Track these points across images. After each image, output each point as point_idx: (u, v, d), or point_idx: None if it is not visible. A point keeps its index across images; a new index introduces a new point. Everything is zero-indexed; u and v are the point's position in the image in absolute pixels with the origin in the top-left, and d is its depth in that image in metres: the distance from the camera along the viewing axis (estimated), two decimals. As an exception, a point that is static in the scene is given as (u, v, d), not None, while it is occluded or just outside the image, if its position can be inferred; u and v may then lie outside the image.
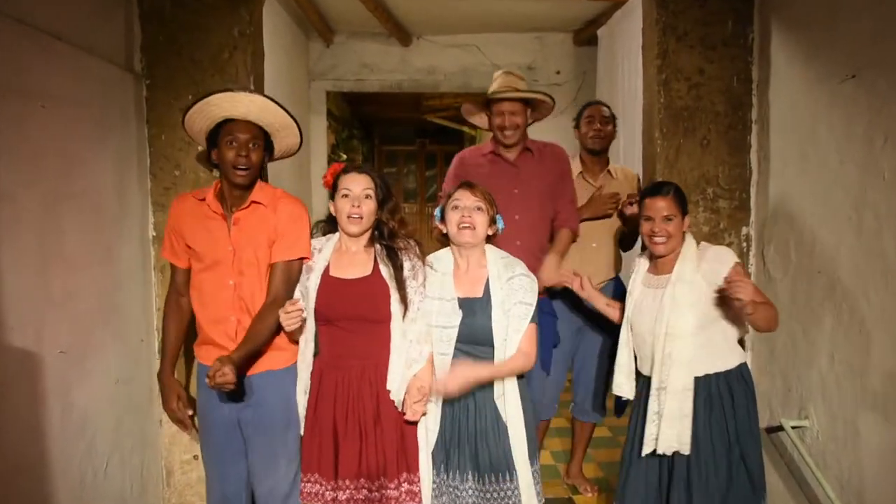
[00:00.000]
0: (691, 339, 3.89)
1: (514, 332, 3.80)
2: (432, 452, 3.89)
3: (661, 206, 4.02)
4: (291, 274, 3.90)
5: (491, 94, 5.00)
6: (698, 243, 4.09)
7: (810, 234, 4.32)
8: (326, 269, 3.81)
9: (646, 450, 3.97)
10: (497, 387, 3.84)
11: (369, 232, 3.87)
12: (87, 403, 4.07)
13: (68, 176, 3.93)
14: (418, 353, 3.79)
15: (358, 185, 3.79)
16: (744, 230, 4.99)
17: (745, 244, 4.99)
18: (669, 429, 3.90)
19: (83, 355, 4.04)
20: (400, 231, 3.88)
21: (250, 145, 3.85)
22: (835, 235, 4.09)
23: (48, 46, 3.77)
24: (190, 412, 4.13)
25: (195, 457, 4.92)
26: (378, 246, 3.87)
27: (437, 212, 4.08)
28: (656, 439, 3.93)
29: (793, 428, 4.42)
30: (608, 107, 5.46)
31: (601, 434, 6.68)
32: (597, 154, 5.37)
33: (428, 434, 3.89)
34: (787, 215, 4.57)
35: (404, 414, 3.78)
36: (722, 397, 3.93)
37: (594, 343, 5.32)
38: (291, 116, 3.99)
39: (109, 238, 4.36)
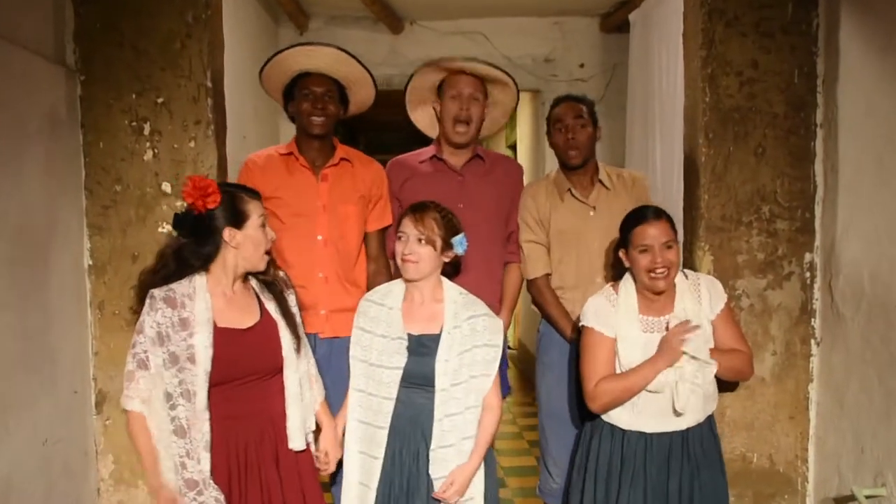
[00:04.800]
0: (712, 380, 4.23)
1: (483, 376, 4.05)
2: None
3: (656, 232, 4.15)
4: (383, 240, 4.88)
5: (444, 60, 5.00)
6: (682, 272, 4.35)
7: (889, 261, 4.31)
8: (214, 323, 3.69)
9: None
10: (435, 465, 4.00)
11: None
12: (9, 468, 4.05)
13: (-16, 193, 3.92)
14: (311, 400, 3.98)
15: (263, 210, 3.86)
16: (807, 257, 5.00)
17: (808, 274, 5.00)
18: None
19: (3, 410, 4.02)
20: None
21: (325, 97, 4.73)
22: (918, 263, 4.09)
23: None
24: None
25: (139, 533, 4.92)
26: (254, 281, 3.91)
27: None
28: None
29: (867, 497, 4.40)
30: (585, 101, 5.12)
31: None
32: (578, 168, 5.04)
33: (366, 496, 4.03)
34: (861, 239, 4.56)
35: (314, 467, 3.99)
36: (713, 443, 4.32)
37: (565, 396, 5.05)
38: (367, 70, 4.90)
39: (35, 269, 4.35)
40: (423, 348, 3.97)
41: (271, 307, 3.86)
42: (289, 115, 4.91)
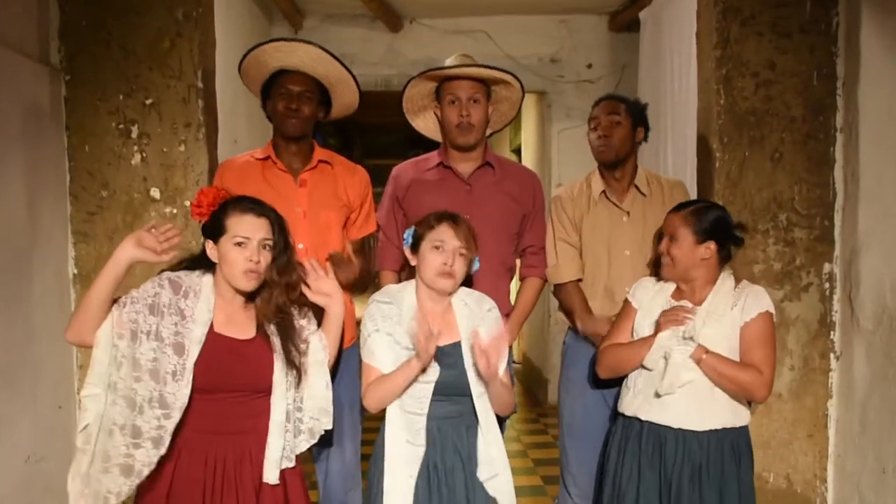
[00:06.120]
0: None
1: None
2: None
3: (667, 223, 4.23)
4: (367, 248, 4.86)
5: (439, 69, 4.82)
6: (738, 281, 4.23)
7: (912, 272, 4.32)
8: (212, 324, 3.68)
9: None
10: (484, 466, 3.96)
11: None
12: (-12, 488, 4.05)
13: (-36, 198, 3.92)
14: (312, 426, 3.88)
15: (257, 232, 3.67)
16: (826, 267, 5.01)
17: (827, 285, 5.01)
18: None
19: (-17, 427, 4.02)
20: (290, 299, 3.83)
21: (302, 97, 4.57)
22: (943, 274, 4.09)
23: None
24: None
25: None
26: (268, 321, 3.82)
27: (407, 235, 4.15)
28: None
29: (890, 520, 4.41)
30: (626, 100, 5.00)
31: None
32: (612, 167, 4.94)
33: None
34: (883, 248, 4.57)
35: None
36: (720, 464, 4.10)
37: (590, 413, 4.95)
38: (350, 72, 4.67)
39: (17, 277, 4.36)
40: (448, 358, 3.91)
41: (270, 328, 3.78)
42: (266, 114, 4.76)
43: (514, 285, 4.98)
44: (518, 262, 5.08)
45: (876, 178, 4.63)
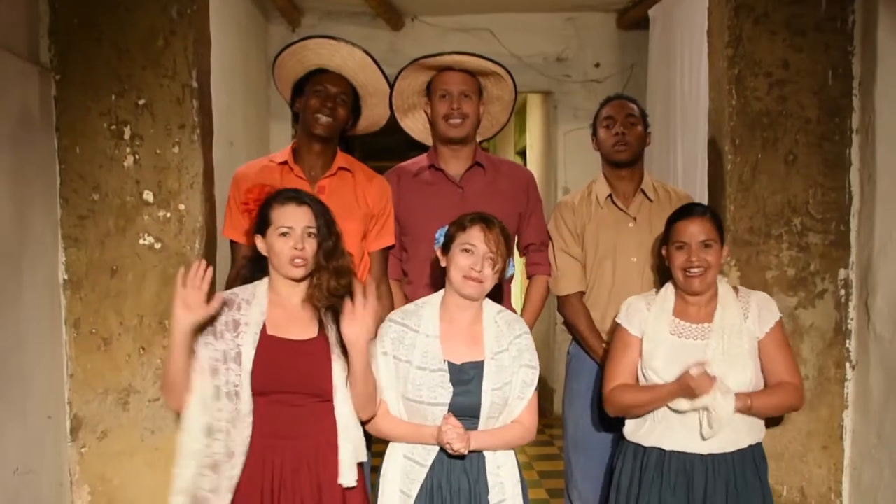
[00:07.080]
0: None
1: (517, 399, 4.00)
2: None
3: (695, 229, 4.14)
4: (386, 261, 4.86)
5: (428, 58, 4.86)
6: (735, 288, 4.29)
7: (931, 278, 4.30)
8: (264, 327, 3.84)
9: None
10: (496, 490, 3.91)
11: (307, 282, 3.92)
12: (-26, 501, 4.03)
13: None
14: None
15: (300, 221, 3.84)
16: (842, 273, 4.97)
17: (843, 292, 4.98)
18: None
19: (-31, 438, 4.00)
20: (340, 283, 3.88)
21: (338, 99, 4.64)
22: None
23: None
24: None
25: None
26: (321, 305, 3.91)
27: (439, 234, 4.10)
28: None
29: (908, 535, 4.39)
30: (635, 102, 5.14)
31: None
32: (625, 166, 4.99)
33: None
34: (901, 253, 4.54)
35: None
36: (746, 479, 4.12)
37: (595, 426, 5.01)
38: (389, 84, 4.83)
39: (5, 283, 4.33)
40: (465, 376, 3.89)
41: (331, 331, 3.86)
42: (293, 110, 4.88)
43: (517, 285, 4.97)
44: (522, 260, 5.05)
45: (893, 180, 4.60)
